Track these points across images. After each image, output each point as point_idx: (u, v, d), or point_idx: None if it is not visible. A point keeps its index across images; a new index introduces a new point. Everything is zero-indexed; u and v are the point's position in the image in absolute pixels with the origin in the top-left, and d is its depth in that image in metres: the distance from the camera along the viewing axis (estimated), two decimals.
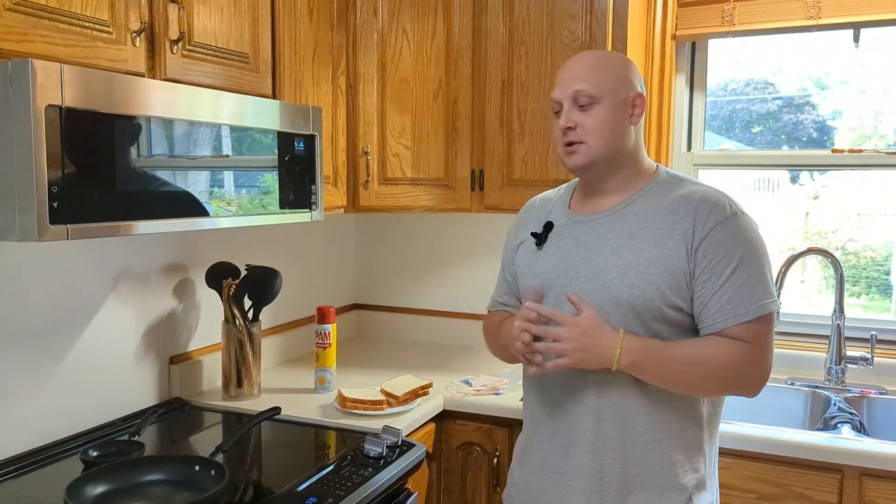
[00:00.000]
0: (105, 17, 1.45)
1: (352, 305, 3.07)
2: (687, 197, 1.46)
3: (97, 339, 1.91)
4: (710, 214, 1.42)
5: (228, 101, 1.67)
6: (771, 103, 2.83)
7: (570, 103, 1.48)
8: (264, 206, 1.80)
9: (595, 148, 1.47)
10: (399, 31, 2.37)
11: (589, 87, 1.46)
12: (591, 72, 1.47)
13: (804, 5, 2.38)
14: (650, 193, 1.51)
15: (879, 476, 1.80)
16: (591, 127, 1.47)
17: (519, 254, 1.67)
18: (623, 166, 1.52)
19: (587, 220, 1.54)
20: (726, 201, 1.45)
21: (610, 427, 1.46)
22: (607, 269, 1.46)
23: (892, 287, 2.93)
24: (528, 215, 1.72)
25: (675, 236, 1.43)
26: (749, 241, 1.42)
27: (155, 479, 1.54)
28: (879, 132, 2.68)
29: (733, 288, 1.39)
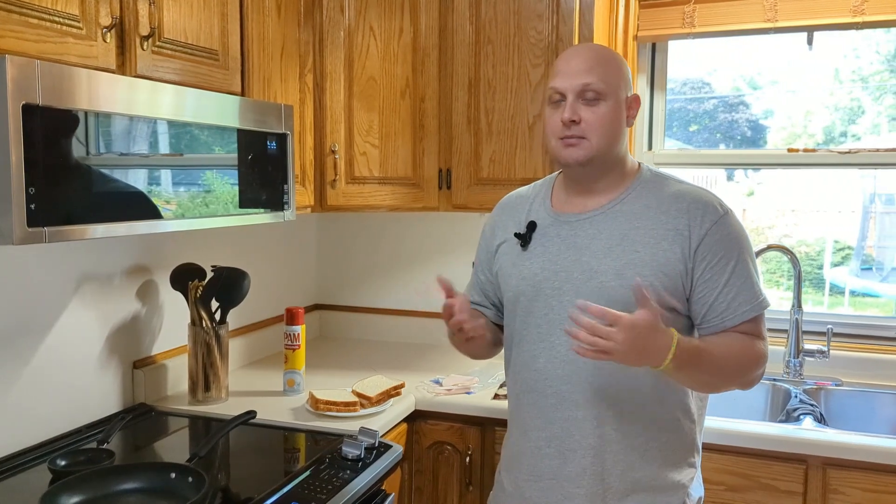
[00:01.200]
0: (75, 13, 1.40)
1: (314, 306, 3.03)
2: (677, 197, 1.47)
3: (59, 343, 1.85)
4: (705, 215, 1.43)
5: (200, 100, 1.65)
6: (707, 103, 2.91)
7: (575, 96, 1.44)
8: (237, 207, 1.77)
9: (596, 145, 1.44)
10: (366, 28, 2.35)
11: (597, 83, 1.43)
12: (598, 66, 1.44)
13: (762, 8, 2.44)
14: (637, 192, 1.50)
15: (843, 465, 1.87)
16: (595, 123, 1.43)
17: (500, 255, 1.63)
18: (614, 166, 1.51)
19: (574, 219, 1.52)
20: (716, 200, 1.46)
21: (611, 431, 1.45)
22: (602, 271, 1.44)
23: (825, 281, 3.05)
24: (505, 214, 1.68)
25: (670, 237, 1.43)
26: (743, 238, 1.45)
27: (131, 488, 1.50)
28: (809, 131, 2.78)
29: (736, 286, 1.41)
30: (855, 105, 2.77)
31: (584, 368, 1.45)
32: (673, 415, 1.47)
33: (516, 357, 1.58)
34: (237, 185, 1.77)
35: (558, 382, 1.48)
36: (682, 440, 1.49)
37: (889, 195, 3.27)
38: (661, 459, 1.47)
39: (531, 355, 1.53)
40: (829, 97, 2.74)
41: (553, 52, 2.27)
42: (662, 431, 1.47)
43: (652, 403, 1.46)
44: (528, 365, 1.53)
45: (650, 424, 1.46)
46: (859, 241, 3.26)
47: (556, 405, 1.49)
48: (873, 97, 2.75)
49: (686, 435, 1.50)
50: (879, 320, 2.57)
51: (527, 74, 2.30)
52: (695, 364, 1.36)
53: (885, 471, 1.84)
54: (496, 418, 2.13)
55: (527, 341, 1.54)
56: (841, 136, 2.75)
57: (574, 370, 1.46)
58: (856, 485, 1.86)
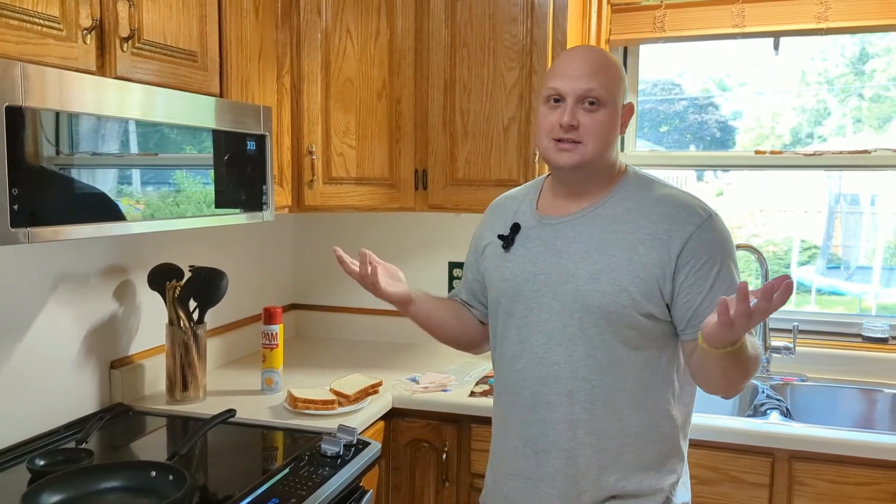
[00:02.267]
0: (56, 14, 1.41)
1: (290, 305, 3.05)
2: (659, 201, 1.45)
3: (35, 344, 1.85)
4: (687, 219, 1.41)
5: (179, 101, 1.66)
6: (677, 104, 2.98)
7: (575, 100, 1.41)
8: (218, 207, 1.79)
9: (590, 151, 1.42)
10: (343, 30, 2.37)
11: (599, 89, 1.40)
12: (601, 72, 1.42)
13: (730, 14, 2.51)
14: (620, 196, 1.48)
15: (808, 458, 1.93)
16: (593, 130, 1.41)
17: (486, 256, 1.63)
18: (603, 172, 1.49)
19: (556, 222, 1.51)
20: (698, 204, 1.44)
21: (583, 434, 1.44)
22: (578, 275, 1.43)
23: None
24: (493, 215, 1.67)
25: (648, 242, 1.41)
26: (727, 242, 1.43)
27: (111, 487, 1.51)
28: (776, 132, 2.86)
29: (721, 290, 1.36)
30: (821, 107, 2.84)
31: (560, 371, 1.45)
32: (651, 419, 1.45)
33: (499, 358, 1.59)
34: (217, 186, 1.78)
35: (535, 384, 1.48)
36: (661, 445, 1.47)
37: (854, 196, 3.36)
38: (637, 464, 1.45)
39: (511, 356, 1.53)
40: (796, 99, 2.81)
41: (528, 56, 2.31)
42: (640, 436, 1.45)
43: (628, 408, 1.44)
44: (509, 365, 1.54)
45: (626, 429, 1.44)
46: (825, 240, 3.34)
47: (532, 406, 1.49)
48: (839, 99, 2.83)
49: (666, 440, 1.48)
50: (843, 317, 2.64)
51: (502, 77, 2.34)
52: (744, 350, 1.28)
53: (848, 463, 1.90)
54: (472, 415, 2.16)
55: (507, 342, 1.54)
56: (807, 137, 2.82)
57: (550, 372, 1.46)
58: (820, 476, 1.92)
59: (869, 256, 3.20)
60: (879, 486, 1.88)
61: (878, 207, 3.11)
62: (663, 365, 1.46)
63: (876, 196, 3.15)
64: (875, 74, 2.79)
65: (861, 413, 2.38)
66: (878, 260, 3.15)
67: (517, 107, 2.33)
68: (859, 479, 1.89)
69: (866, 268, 3.18)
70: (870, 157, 2.53)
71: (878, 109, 2.80)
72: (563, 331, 1.45)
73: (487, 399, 2.17)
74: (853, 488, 1.90)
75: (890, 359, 2.44)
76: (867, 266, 3.19)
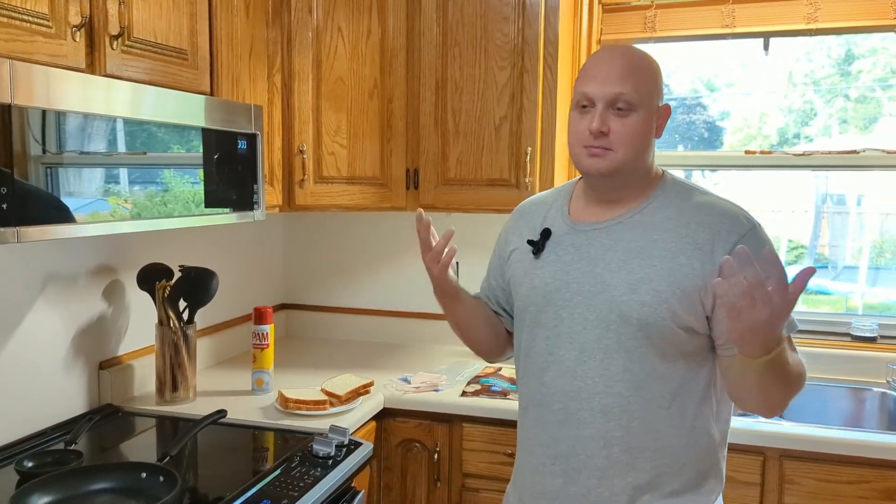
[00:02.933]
0: (45, 11, 1.39)
1: (281, 305, 3.03)
2: (699, 208, 1.38)
3: (23, 344, 1.83)
4: (731, 228, 1.34)
5: (169, 100, 1.65)
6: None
7: (605, 105, 1.34)
8: (208, 206, 1.77)
9: (623, 158, 1.35)
10: (334, 29, 2.36)
11: (631, 93, 1.33)
12: (632, 74, 1.35)
13: (720, 15, 2.52)
14: (658, 202, 1.41)
15: (798, 457, 1.94)
16: (625, 136, 1.34)
17: (512, 262, 1.55)
18: (638, 178, 1.42)
19: (590, 229, 1.43)
20: (742, 213, 1.38)
21: (618, 452, 1.37)
22: (615, 285, 1.35)
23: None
24: (521, 220, 1.59)
25: (689, 251, 1.33)
26: None
27: (101, 488, 1.50)
28: (763, 132, 2.87)
29: None
30: (808, 107, 2.86)
31: (595, 385, 1.37)
32: (690, 438, 1.38)
33: (524, 368, 1.50)
34: (207, 185, 1.77)
35: (565, 398, 1.40)
36: (699, 465, 1.40)
37: (840, 196, 3.38)
38: (674, 486, 1.38)
39: (539, 368, 1.45)
40: (783, 100, 2.83)
41: (519, 55, 2.31)
42: (677, 456, 1.38)
43: (666, 426, 1.36)
44: (536, 378, 1.45)
45: (663, 448, 1.37)
46: (812, 240, 3.36)
47: (562, 421, 1.41)
48: (825, 100, 2.85)
49: (704, 460, 1.40)
50: (832, 317, 2.66)
51: (493, 76, 2.34)
52: (781, 366, 1.23)
53: (838, 461, 1.92)
54: (464, 415, 2.16)
55: (535, 353, 1.46)
56: (794, 137, 2.83)
57: (583, 386, 1.38)
58: (810, 475, 1.93)
59: (855, 256, 3.22)
60: (869, 485, 1.89)
61: (865, 207, 3.13)
62: (701, 381, 1.38)
63: (862, 196, 3.17)
64: (861, 75, 2.81)
65: (850, 412, 2.40)
66: (864, 259, 3.17)
67: (508, 106, 2.33)
68: (849, 478, 1.91)
69: (853, 267, 3.20)
70: (858, 157, 2.55)
71: (863, 110, 2.82)
72: (598, 343, 1.37)
73: (479, 399, 2.17)
74: (843, 486, 1.91)
75: (879, 358, 2.46)
76: (854, 266, 3.21)
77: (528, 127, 2.32)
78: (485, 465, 2.16)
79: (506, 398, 2.17)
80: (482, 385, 2.28)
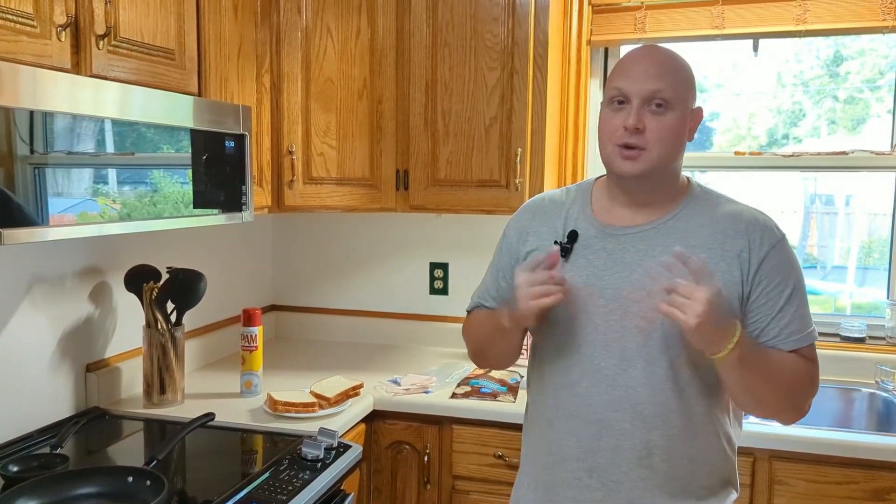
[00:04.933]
0: (29, 11, 1.38)
1: (269, 307, 3.02)
2: (733, 217, 1.38)
3: (10, 347, 1.81)
4: (764, 238, 1.35)
5: (155, 100, 1.64)
6: None
7: (641, 102, 1.31)
8: (196, 207, 1.76)
9: (657, 157, 1.33)
10: (323, 29, 2.35)
11: (667, 90, 1.31)
12: (669, 73, 1.33)
13: (710, 16, 2.52)
14: (689, 209, 1.40)
15: (787, 458, 1.95)
16: (660, 134, 1.32)
17: None
18: (669, 181, 1.40)
19: (622, 233, 1.40)
20: (773, 223, 1.38)
21: (658, 462, 1.35)
22: (657, 293, 1.28)
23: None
24: (536, 219, 1.51)
25: (728, 259, 1.34)
26: (797, 264, 1.38)
27: (87, 493, 1.48)
28: (753, 133, 2.88)
29: (790, 313, 1.33)
30: (796, 108, 2.87)
31: (637, 395, 1.34)
32: (717, 443, 1.39)
33: (550, 377, 1.44)
34: (195, 186, 1.75)
35: (604, 408, 1.36)
36: (724, 468, 1.42)
37: (829, 196, 3.40)
38: (705, 490, 1.39)
39: (571, 378, 1.40)
40: (772, 100, 2.83)
41: (509, 56, 2.30)
42: (707, 461, 1.39)
43: (700, 432, 1.37)
44: (568, 388, 1.40)
45: (697, 455, 1.37)
46: (801, 240, 3.38)
47: (599, 433, 1.37)
48: (814, 101, 2.86)
49: (727, 462, 1.43)
50: (821, 317, 2.67)
51: (483, 77, 2.33)
52: (754, 362, 1.28)
53: (827, 462, 1.92)
54: (454, 417, 2.16)
55: (565, 362, 1.41)
56: (783, 138, 2.84)
57: (624, 396, 1.35)
58: (800, 476, 1.94)
59: (844, 256, 3.23)
60: (858, 485, 1.90)
61: (853, 208, 3.15)
62: (722, 386, 1.37)
63: (851, 197, 3.19)
64: (849, 76, 2.82)
65: (839, 412, 2.41)
66: (852, 260, 3.19)
67: (499, 107, 2.33)
68: (838, 479, 1.91)
69: (841, 267, 3.22)
70: (847, 158, 2.55)
71: (851, 111, 2.83)
72: (639, 351, 1.34)
73: (469, 401, 2.17)
74: (832, 487, 1.92)
75: (868, 358, 2.46)
76: (842, 266, 3.23)
77: (518, 128, 2.31)
78: (475, 467, 2.15)
79: (496, 400, 2.16)
80: (472, 387, 2.27)
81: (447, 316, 2.81)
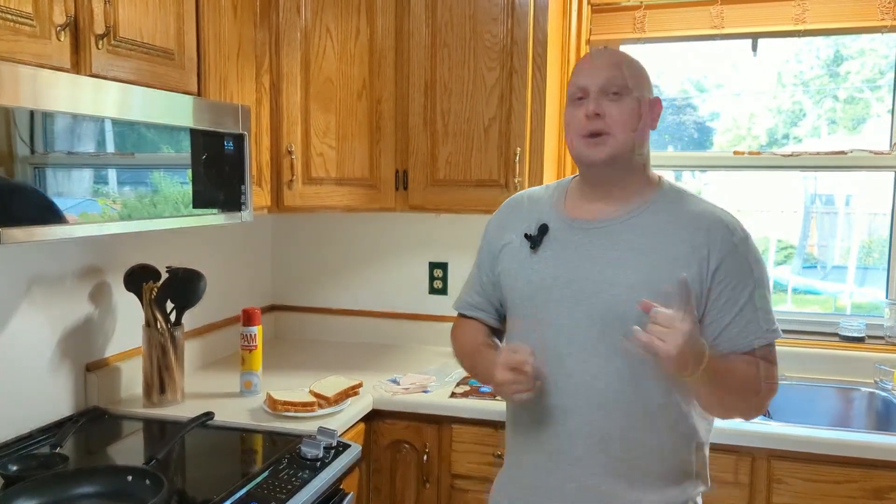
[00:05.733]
0: (29, 10, 1.38)
1: (269, 306, 3.02)
2: (698, 216, 1.41)
3: (9, 347, 1.81)
4: (726, 237, 1.37)
5: (155, 99, 1.64)
6: None
7: (598, 91, 1.38)
8: (195, 207, 1.76)
9: (621, 140, 1.38)
10: (323, 29, 2.35)
11: (621, 77, 1.38)
12: (621, 64, 1.41)
13: (709, 16, 2.52)
14: (657, 206, 1.43)
15: (786, 457, 1.95)
16: (620, 117, 1.38)
17: (505, 255, 1.54)
18: (636, 172, 1.45)
19: (589, 227, 1.44)
20: (737, 223, 1.41)
21: (616, 449, 1.39)
22: (616, 284, 1.36)
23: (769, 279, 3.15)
24: (513, 214, 1.59)
25: (688, 256, 1.36)
26: (760, 263, 1.40)
27: (87, 492, 1.48)
28: (753, 133, 2.89)
29: (751, 312, 1.36)
30: (796, 108, 2.87)
31: (596, 383, 1.38)
32: (681, 433, 1.41)
33: None
34: (195, 186, 1.76)
35: (564, 395, 1.40)
36: (689, 457, 1.43)
37: (829, 196, 3.40)
38: (666, 478, 1.41)
39: None
40: (772, 100, 2.84)
41: (508, 55, 2.30)
42: (669, 451, 1.41)
43: (661, 422, 1.39)
44: None
45: (659, 444, 1.39)
46: (801, 240, 3.39)
47: (560, 419, 1.41)
48: (813, 101, 2.86)
49: (692, 455, 1.44)
50: (821, 317, 2.67)
51: (482, 77, 2.33)
52: (721, 377, 1.32)
53: (826, 461, 1.92)
54: (453, 416, 2.16)
55: None
56: (783, 138, 2.85)
57: (581, 383, 1.39)
58: (798, 475, 1.94)
59: (844, 256, 3.24)
60: (857, 484, 1.90)
61: (853, 208, 3.15)
62: None
63: (850, 196, 3.19)
64: (849, 76, 2.82)
65: (838, 412, 2.41)
66: (852, 259, 3.19)
67: (498, 107, 2.33)
68: (837, 478, 1.91)
69: (841, 267, 3.22)
70: (847, 157, 2.56)
71: (851, 111, 2.83)
72: (600, 341, 1.38)
73: (468, 400, 2.17)
74: (831, 486, 1.92)
75: (867, 358, 2.46)
76: (842, 265, 3.23)
77: (517, 127, 2.32)
78: (474, 465, 2.15)
79: (494, 399, 2.16)
80: (471, 386, 2.28)
81: (446, 316, 2.80)
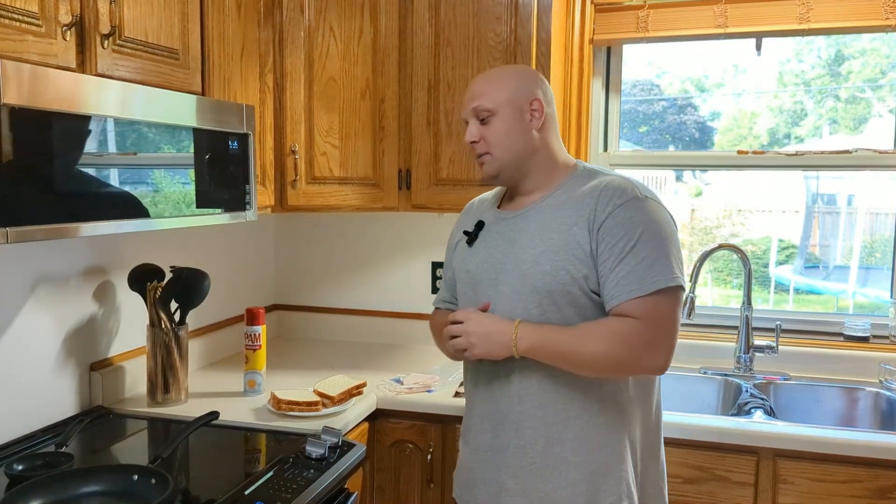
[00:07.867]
0: (35, 10, 1.38)
1: (273, 306, 3.02)
2: (595, 187, 1.54)
3: (13, 346, 1.81)
4: (612, 199, 1.49)
5: (161, 99, 1.64)
6: (656, 104, 2.99)
7: (472, 119, 1.60)
8: (199, 207, 1.76)
9: (499, 157, 1.58)
10: (326, 29, 2.35)
11: (485, 102, 1.57)
12: (487, 87, 1.59)
13: (713, 15, 2.52)
14: (566, 188, 1.59)
15: (791, 456, 1.94)
16: (491, 139, 1.58)
17: (456, 253, 1.76)
18: (535, 167, 1.61)
19: (511, 216, 1.63)
20: (630, 186, 1.52)
21: (530, 407, 1.55)
22: (525, 260, 1.55)
23: (771, 279, 3.15)
24: (466, 216, 1.80)
25: (580, 222, 1.51)
26: (650, 221, 1.48)
27: (92, 491, 1.48)
28: (754, 133, 2.88)
29: (630, 265, 1.45)
30: (798, 108, 2.87)
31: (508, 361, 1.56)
32: (596, 397, 1.53)
33: None
34: (199, 186, 1.76)
35: (490, 363, 1.59)
36: (609, 425, 1.54)
37: (831, 195, 3.40)
38: (582, 439, 1.53)
39: None
40: (773, 100, 2.83)
41: (511, 55, 2.30)
42: (583, 412, 1.53)
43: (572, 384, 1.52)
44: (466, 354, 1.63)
45: (568, 405, 1.53)
46: (803, 240, 3.38)
47: (489, 383, 1.62)
48: (815, 100, 2.86)
49: (614, 420, 1.54)
50: (825, 316, 2.67)
51: None
52: (550, 345, 1.49)
53: (831, 460, 1.92)
54: (457, 416, 2.14)
55: None
56: (784, 137, 2.84)
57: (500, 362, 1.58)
58: (803, 474, 1.94)
59: (846, 256, 3.23)
60: (862, 484, 1.90)
61: (855, 207, 3.14)
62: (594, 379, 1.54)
63: (853, 196, 3.18)
64: (850, 76, 2.82)
65: (843, 411, 2.40)
66: (854, 259, 3.18)
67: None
68: (842, 477, 1.91)
69: (844, 267, 3.21)
70: (850, 157, 2.55)
71: (853, 111, 2.83)
72: (513, 313, 1.54)
73: None
74: (836, 486, 1.91)
75: (871, 357, 2.46)
76: (844, 265, 3.22)
77: None
78: None
79: None
80: None
81: None
